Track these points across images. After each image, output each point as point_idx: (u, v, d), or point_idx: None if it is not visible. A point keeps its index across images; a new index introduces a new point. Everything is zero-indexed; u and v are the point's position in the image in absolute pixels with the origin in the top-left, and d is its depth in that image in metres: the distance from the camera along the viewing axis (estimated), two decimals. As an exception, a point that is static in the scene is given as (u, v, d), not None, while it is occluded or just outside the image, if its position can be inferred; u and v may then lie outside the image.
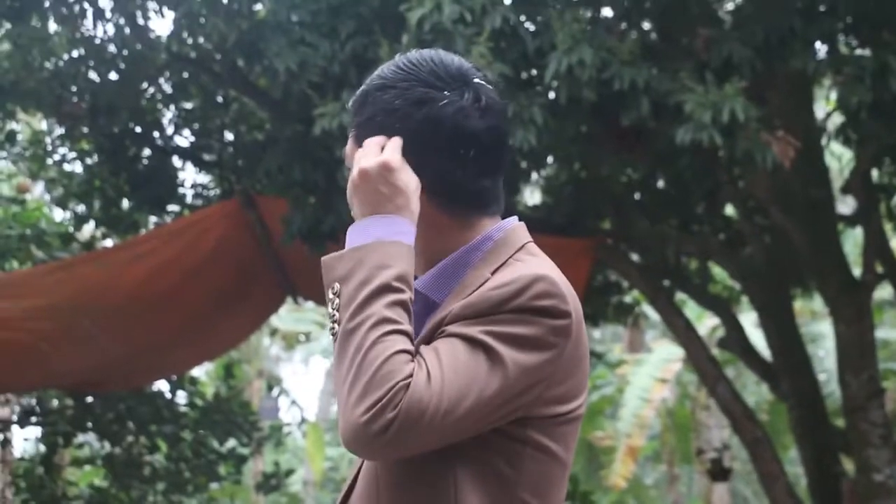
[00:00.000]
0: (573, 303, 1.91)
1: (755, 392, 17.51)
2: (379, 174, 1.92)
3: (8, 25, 8.26)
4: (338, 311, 1.84)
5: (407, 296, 1.85)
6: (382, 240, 1.87)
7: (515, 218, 2.05)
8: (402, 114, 1.96)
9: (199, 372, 14.46)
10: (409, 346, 1.82)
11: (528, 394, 1.87)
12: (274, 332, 21.39)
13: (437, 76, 1.98)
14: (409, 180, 1.93)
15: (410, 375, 1.78)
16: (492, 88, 2.02)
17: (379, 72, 2.02)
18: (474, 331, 1.84)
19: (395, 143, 1.95)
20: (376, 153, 1.94)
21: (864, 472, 8.42)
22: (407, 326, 1.83)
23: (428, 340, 1.88)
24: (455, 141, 1.97)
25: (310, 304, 16.57)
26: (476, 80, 2.00)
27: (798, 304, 12.48)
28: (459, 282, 1.97)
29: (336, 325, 1.84)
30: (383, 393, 1.76)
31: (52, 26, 8.48)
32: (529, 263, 1.94)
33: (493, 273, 1.94)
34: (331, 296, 1.87)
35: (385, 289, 1.83)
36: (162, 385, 11.40)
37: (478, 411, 1.81)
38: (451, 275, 1.98)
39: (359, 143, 2.00)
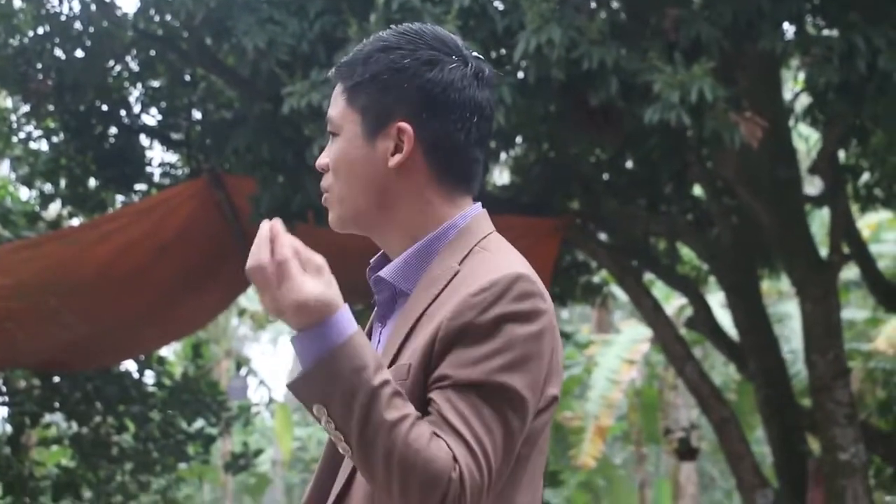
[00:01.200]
0: (547, 295, 1.92)
1: (723, 372, 17.61)
2: (295, 298, 1.78)
3: (-29, 2, 8.18)
4: (336, 429, 1.79)
5: (391, 384, 1.79)
6: (340, 343, 1.78)
7: (479, 205, 2.05)
8: (412, 72, 1.96)
9: (167, 352, 14.40)
10: (426, 427, 1.78)
11: (537, 402, 1.90)
12: (242, 313, 21.30)
13: (441, 42, 2.00)
14: (314, 258, 1.82)
15: (455, 460, 1.77)
16: (486, 63, 2.04)
17: (376, 37, 2.01)
18: (482, 373, 1.82)
19: (291, 265, 1.80)
20: (289, 283, 1.79)
21: (830, 452, 8.48)
22: (411, 409, 1.79)
23: (424, 357, 1.85)
24: (461, 105, 1.98)
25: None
26: (473, 53, 2.03)
27: (765, 285, 12.54)
28: (426, 271, 1.96)
29: (343, 443, 1.80)
30: (444, 491, 1.75)
31: (17, 2, 8.43)
32: (497, 257, 1.94)
33: (461, 263, 1.93)
34: (320, 417, 1.80)
35: (374, 392, 1.77)
36: (130, 365, 11.36)
37: (512, 447, 1.85)
38: (418, 264, 1.98)
39: (355, 105, 1.99)
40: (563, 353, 2.01)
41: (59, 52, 8.63)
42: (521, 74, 6.87)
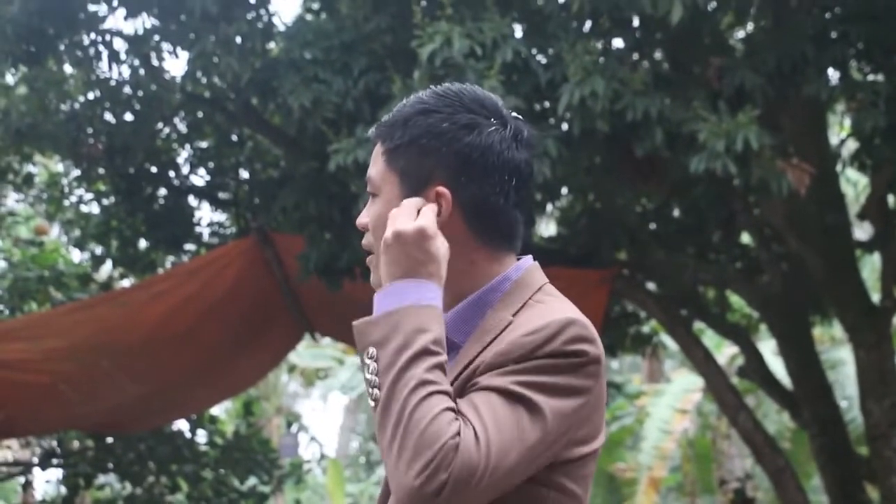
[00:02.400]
0: (600, 343, 1.93)
1: (776, 420, 17.39)
2: (415, 239, 1.91)
3: (24, 69, 8.33)
4: (376, 375, 1.84)
5: (444, 359, 1.86)
6: (416, 304, 1.87)
7: (531, 258, 2.06)
8: (451, 136, 1.97)
9: (219, 410, 14.45)
10: (452, 405, 1.82)
11: (563, 439, 1.89)
12: (292, 369, 21.40)
13: (480, 105, 2.01)
14: (442, 247, 1.93)
15: (458, 434, 1.78)
16: (526, 124, 2.05)
17: (417, 99, 2.02)
18: (509, 382, 1.85)
19: (431, 208, 1.95)
20: (412, 216, 1.93)
21: (890, 500, 8.35)
22: (448, 387, 1.84)
23: (461, 391, 1.88)
24: (500, 168, 1.99)
25: (327, 341, 16.57)
26: (512, 114, 2.05)
27: (817, 331, 12.42)
28: (479, 323, 1.97)
29: (376, 390, 1.84)
30: (433, 454, 1.77)
31: (68, 69, 8.57)
32: (552, 305, 1.96)
33: (515, 315, 1.95)
34: (366, 360, 1.87)
35: (424, 352, 1.83)
36: (182, 424, 11.40)
37: (523, 464, 1.83)
38: (471, 316, 1.99)
39: (394, 167, 2.01)
40: (605, 404, 2.00)
41: (109, 117, 8.77)
42: (565, 126, 6.89)
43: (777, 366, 12.13)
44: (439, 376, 1.83)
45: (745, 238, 10.12)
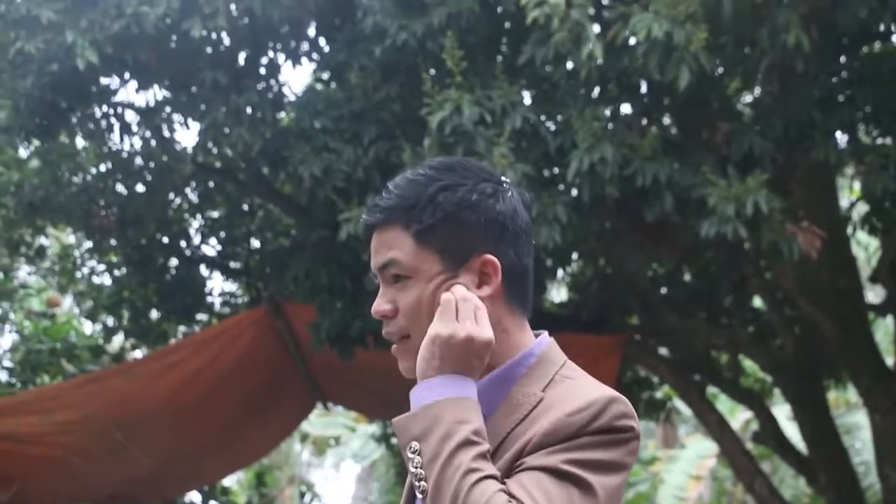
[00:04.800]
0: (637, 420, 1.95)
1: (793, 486, 17.23)
2: (481, 349, 1.91)
3: (37, 143, 8.40)
4: (422, 468, 1.85)
5: (487, 448, 1.86)
6: (454, 397, 1.88)
7: (546, 333, 2.06)
8: (483, 206, 1.98)
9: (231, 481, 14.37)
10: (504, 487, 1.82)
11: None
12: (304, 438, 21.30)
13: (487, 173, 2.03)
14: (489, 350, 1.94)
15: None
16: (517, 186, 2.08)
17: (425, 176, 2.00)
18: (558, 461, 1.85)
19: (486, 313, 1.94)
20: (476, 320, 1.92)
21: (908, 565, 8.26)
22: (496, 472, 1.84)
23: (507, 472, 1.88)
24: (525, 231, 2.03)
25: (339, 409, 16.51)
26: (505, 179, 2.06)
27: (832, 395, 12.35)
28: (506, 397, 1.97)
29: (423, 482, 1.85)
30: None
31: (80, 142, 8.65)
32: (584, 382, 1.97)
33: (544, 390, 1.95)
34: (410, 455, 1.87)
35: (467, 442, 1.84)
36: (194, 496, 11.35)
37: None
38: (496, 390, 1.98)
39: (430, 246, 1.98)
40: None
41: (120, 188, 8.83)
42: (574, 192, 6.91)
43: (792, 431, 12.05)
44: (485, 464, 1.83)
45: (757, 302, 10.10)
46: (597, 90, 7.14)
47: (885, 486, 8.49)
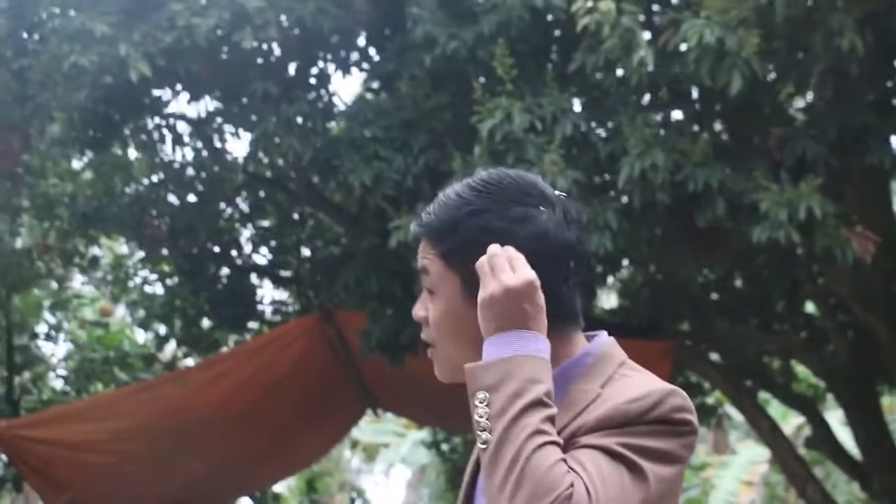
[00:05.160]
0: (696, 416, 1.94)
1: (846, 491, 17.08)
2: (526, 291, 1.90)
3: (90, 154, 8.48)
4: (487, 419, 1.84)
5: (555, 411, 1.86)
6: (530, 354, 1.88)
7: (606, 333, 2.06)
8: (508, 233, 1.95)
9: (282, 487, 14.44)
10: (565, 457, 1.82)
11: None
12: (355, 445, 21.36)
13: (525, 193, 2.00)
14: (543, 300, 1.93)
15: (572, 485, 1.79)
16: (570, 200, 2.05)
17: (458, 197, 2.00)
18: (613, 443, 1.85)
19: (523, 259, 1.93)
20: (512, 269, 1.92)
21: (965, 572, 8.17)
22: (560, 440, 1.84)
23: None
24: (559, 254, 1.98)
25: (389, 416, 16.54)
26: (556, 193, 2.03)
27: (886, 400, 12.23)
28: (564, 396, 1.96)
29: (486, 433, 1.85)
30: (550, 502, 1.77)
31: (133, 153, 8.72)
32: (645, 377, 1.96)
33: (603, 387, 1.94)
34: (477, 403, 1.86)
35: (538, 403, 1.84)
36: (246, 502, 11.40)
37: None
38: (555, 391, 1.96)
39: (452, 268, 1.99)
40: None
41: (172, 198, 8.90)
42: (625, 199, 6.89)
43: (845, 436, 11.95)
44: (552, 428, 1.83)
45: (810, 307, 10.02)
46: (647, 97, 7.12)
47: (941, 492, 8.41)
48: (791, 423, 16.19)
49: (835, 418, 13.02)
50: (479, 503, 2.00)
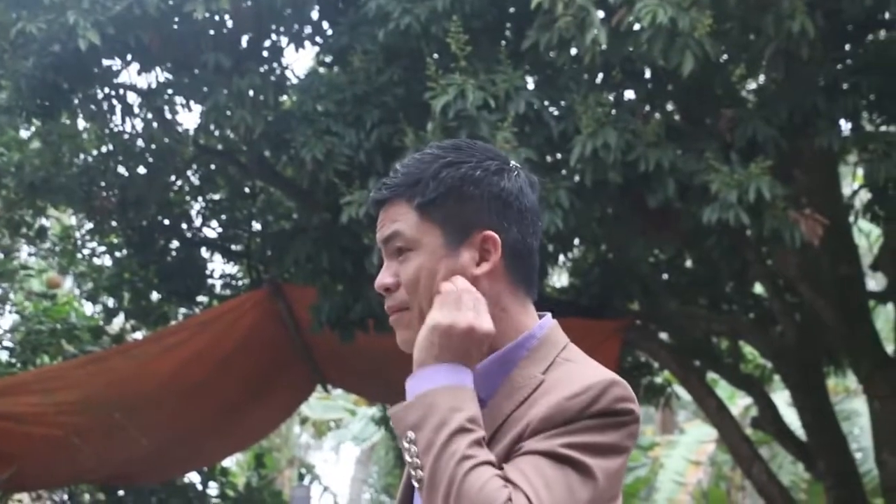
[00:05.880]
0: (637, 404, 1.95)
1: (791, 472, 17.25)
2: (483, 339, 1.92)
3: (38, 123, 8.38)
4: (418, 457, 1.85)
5: (482, 435, 1.86)
6: (449, 385, 1.88)
7: (550, 315, 2.06)
8: (487, 182, 2.00)
9: (230, 462, 14.39)
10: (499, 473, 1.82)
11: (607, 496, 1.89)
12: (304, 421, 21.33)
13: (494, 154, 2.05)
14: (489, 342, 1.94)
15: (510, 500, 1.78)
16: (527, 170, 2.10)
17: (432, 154, 2.03)
18: (556, 445, 1.85)
19: (486, 305, 1.94)
20: (474, 307, 1.93)
21: (906, 552, 8.28)
22: (492, 458, 1.84)
23: (506, 456, 1.88)
24: (529, 211, 2.03)
25: (339, 392, 16.54)
26: (512, 161, 2.08)
27: (831, 382, 12.35)
28: (505, 379, 1.97)
29: (419, 471, 1.85)
30: None
31: (82, 123, 8.62)
32: (585, 365, 1.97)
33: (544, 373, 1.95)
34: (406, 445, 1.87)
35: (461, 430, 1.84)
36: (193, 476, 11.35)
37: None
38: (496, 373, 1.98)
39: (432, 219, 2.00)
40: None
41: (122, 170, 8.82)
42: (577, 178, 6.90)
43: (791, 417, 12.06)
44: (480, 450, 1.83)
45: (758, 289, 10.10)
46: (600, 76, 7.13)
47: (882, 471, 8.51)
48: (738, 403, 16.32)
49: (781, 399, 13.14)
50: None
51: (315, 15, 7.92)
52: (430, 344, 1.91)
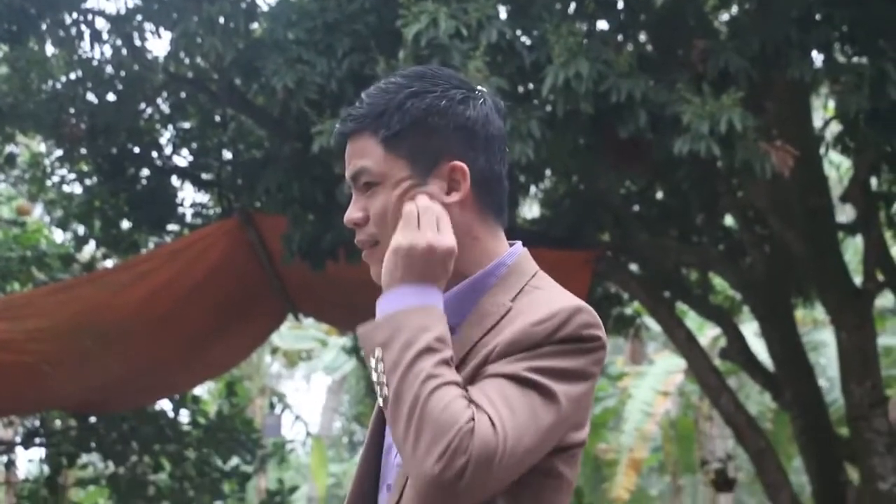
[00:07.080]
0: (604, 331, 1.96)
1: (758, 402, 17.48)
2: (445, 256, 1.92)
3: (6, 48, 8.28)
4: (384, 374, 1.86)
5: (449, 354, 1.86)
6: (418, 306, 1.89)
7: (520, 244, 2.07)
8: (452, 112, 1.99)
9: (202, 390, 14.44)
10: (464, 393, 1.83)
11: (571, 422, 1.90)
12: (275, 350, 21.38)
13: (460, 81, 2.04)
14: (453, 258, 1.94)
15: (472, 419, 1.79)
16: (494, 94, 2.09)
17: (395, 83, 2.01)
18: (520, 368, 1.86)
19: (449, 221, 1.95)
20: (435, 227, 1.93)
21: (869, 481, 8.41)
22: (457, 378, 1.85)
23: (470, 378, 1.89)
24: (496, 137, 2.03)
25: (310, 322, 16.56)
26: (480, 87, 2.07)
27: (799, 313, 12.46)
28: (474, 307, 1.98)
29: (385, 388, 1.86)
30: (451, 438, 1.78)
31: (50, 49, 8.51)
32: (553, 292, 1.97)
33: (513, 301, 1.96)
34: (373, 363, 1.88)
35: (428, 349, 1.84)
36: (165, 404, 11.40)
37: (538, 446, 1.85)
38: (466, 299, 1.99)
39: (398, 152, 1.99)
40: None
41: (91, 97, 8.72)
42: (549, 108, 6.88)
43: (759, 347, 12.17)
44: (446, 370, 1.84)
45: (729, 220, 10.14)
46: (573, 5, 7.10)
47: (848, 401, 8.61)
48: (707, 334, 16.47)
49: (750, 330, 13.26)
50: (392, 455, 2.01)
51: (286, -59, 7.82)
52: (394, 266, 1.92)
